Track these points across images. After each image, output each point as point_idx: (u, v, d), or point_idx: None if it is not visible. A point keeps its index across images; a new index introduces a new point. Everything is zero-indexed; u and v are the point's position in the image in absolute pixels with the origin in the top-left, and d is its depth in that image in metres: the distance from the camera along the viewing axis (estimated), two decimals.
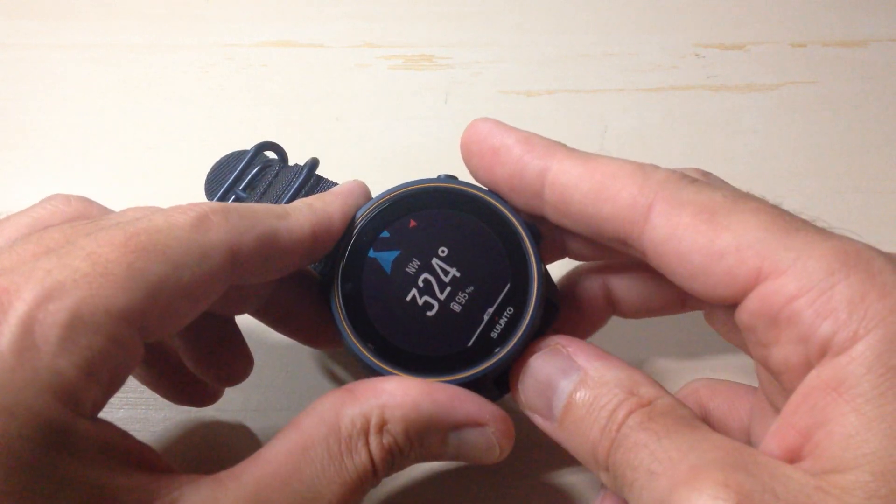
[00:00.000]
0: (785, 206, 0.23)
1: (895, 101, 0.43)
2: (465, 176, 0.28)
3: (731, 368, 0.33)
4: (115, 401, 0.31)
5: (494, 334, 0.25)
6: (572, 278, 0.30)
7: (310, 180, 0.31)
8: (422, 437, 0.24)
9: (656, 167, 0.24)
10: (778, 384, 0.23)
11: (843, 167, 0.41)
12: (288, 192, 0.30)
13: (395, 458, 0.23)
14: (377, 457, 0.23)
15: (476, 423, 0.24)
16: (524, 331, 0.25)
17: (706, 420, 0.28)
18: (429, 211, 0.27)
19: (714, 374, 0.31)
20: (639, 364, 0.33)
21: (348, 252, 0.27)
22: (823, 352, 0.20)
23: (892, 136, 0.42)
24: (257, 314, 0.29)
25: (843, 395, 0.19)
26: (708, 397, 0.28)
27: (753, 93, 0.44)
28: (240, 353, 0.30)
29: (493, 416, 0.25)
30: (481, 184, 0.27)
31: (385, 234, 0.27)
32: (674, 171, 0.24)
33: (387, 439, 0.23)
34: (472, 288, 0.26)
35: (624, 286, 0.30)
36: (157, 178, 0.40)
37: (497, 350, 0.25)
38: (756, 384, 0.28)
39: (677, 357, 0.34)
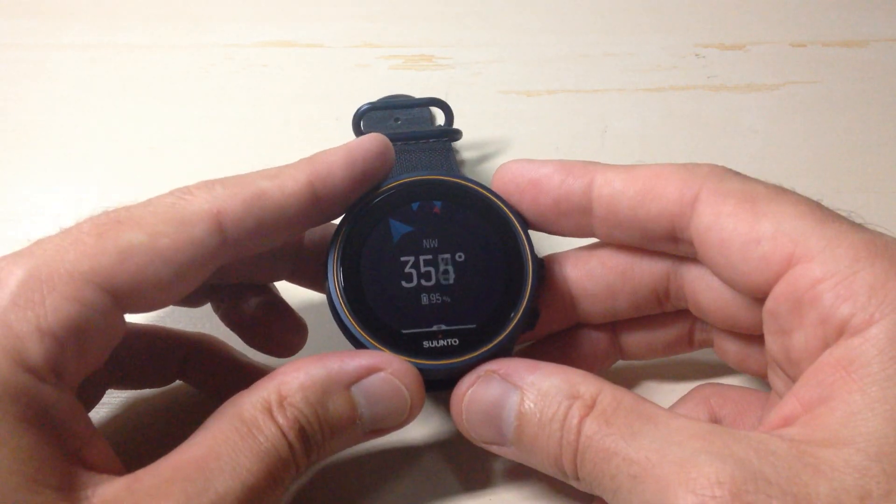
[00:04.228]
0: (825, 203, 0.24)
1: (895, 101, 0.43)
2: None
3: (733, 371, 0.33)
4: (114, 401, 0.32)
5: (426, 345, 0.26)
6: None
7: (437, 139, 0.34)
8: (324, 401, 0.24)
9: (698, 164, 0.25)
10: (792, 383, 0.23)
11: (843, 167, 0.41)
12: (408, 137, 0.33)
13: (308, 432, 0.23)
14: (286, 428, 0.23)
15: (372, 370, 0.24)
16: (442, 365, 0.25)
17: None
18: (483, 222, 0.27)
19: (717, 379, 0.31)
20: (641, 370, 0.33)
21: (389, 192, 0.27)
22: (840, 333, 0.21)
23: (892, 136, 0.42)
24: (292, 278, 0.30)
25: (852, 375, 0.20)
26: (719, 405, 0.28)
27: (753, 93, 0.44)
28: (289, 322, 0.31)
29: (387, 360, 0.25)
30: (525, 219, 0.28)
31: (438, 203, 0.27)
32: (716, 165, 0.25)
33: (290, 411, 0.23)
34: (448, 299, 0.26)
35: (629, 332, 0.30)
36: (157, 178, 0.40)
37: (415, 357, 0.25)
38: (765, 389, 0.28)
39: (681, 361, 0.34)
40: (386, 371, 0.24)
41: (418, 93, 0.44)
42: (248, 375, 0.31)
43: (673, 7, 0.48)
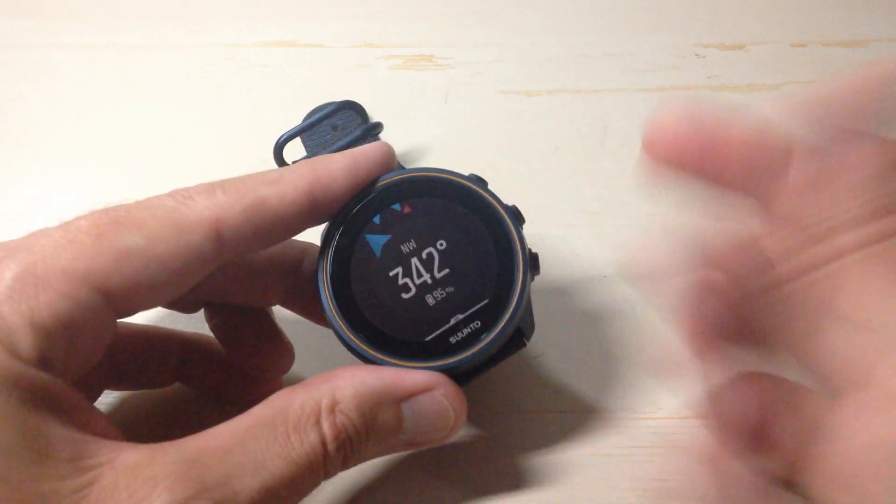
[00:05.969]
0: None
1: None
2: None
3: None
4: (122, 397, 0.32)
5: (453, 340, 0.26)
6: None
7: (365, 139, 0.34)
8: (375, 413, 0.24)
9: None
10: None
11: None
12: (338, 144, 0.35)
13: (352, 439, 0.23)
14: (329, 436, 0.23)
15: (425, 389, 0.25)
16: (478, 349, 0.26)
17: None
18: (445, 202, 0.27)
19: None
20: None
21: (357, 208, 0.27)
22: None
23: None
24: (285, 303, 0.30)
25: None
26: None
27: (753, 93, 0.44)
28: (278, 344, 0.31)
29: (440, 380, 0.25)
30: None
31: (396, 206, 0.27)
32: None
33: (339, 418, 0.23)
34: (451, 289, 0.26)
35: None
36: (157, 179, 0.40)
37: (448, 356, 0.25)
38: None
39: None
40: (438, 391, 0.25)
41: (418, 92, 0.44)
42: (247, 375, 0.31)
43: (673, 7, 0.48)
